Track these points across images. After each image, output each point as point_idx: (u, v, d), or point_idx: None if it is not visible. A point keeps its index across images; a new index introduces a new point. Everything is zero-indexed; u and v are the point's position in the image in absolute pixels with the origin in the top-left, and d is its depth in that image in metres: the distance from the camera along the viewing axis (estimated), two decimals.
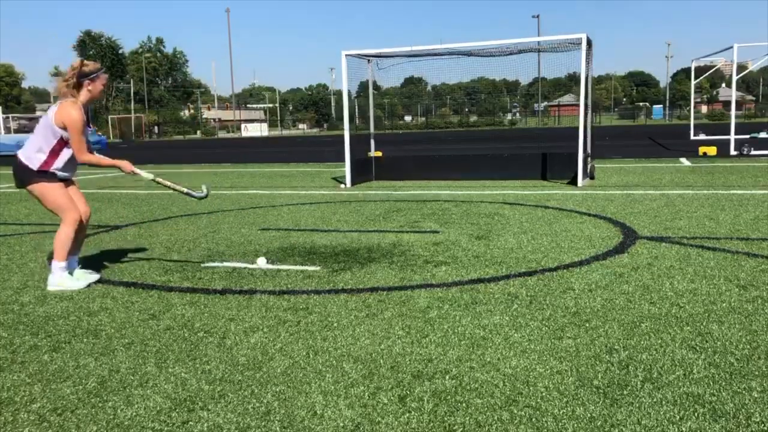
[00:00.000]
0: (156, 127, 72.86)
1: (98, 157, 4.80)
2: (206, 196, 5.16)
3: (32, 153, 4.59)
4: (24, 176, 4.63)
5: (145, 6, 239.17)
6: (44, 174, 4.60)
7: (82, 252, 6.07)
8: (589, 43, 10.89)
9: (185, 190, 5.10)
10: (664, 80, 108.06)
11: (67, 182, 4.82)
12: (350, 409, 2.64)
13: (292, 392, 2.82)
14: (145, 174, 4.93)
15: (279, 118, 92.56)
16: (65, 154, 4.64)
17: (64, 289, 4.65)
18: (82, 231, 4.96)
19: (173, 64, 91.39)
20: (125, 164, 4.81)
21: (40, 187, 4.63)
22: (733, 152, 16.31)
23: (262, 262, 5.26)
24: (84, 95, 4.62)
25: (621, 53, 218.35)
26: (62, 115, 4.49)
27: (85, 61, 4.70)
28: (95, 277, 4.88)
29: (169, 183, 5.07)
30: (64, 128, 4.52)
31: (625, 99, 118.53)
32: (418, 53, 12.24)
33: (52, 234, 7.36)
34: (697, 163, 14.53)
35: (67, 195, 4.74)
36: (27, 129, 39.00)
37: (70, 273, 4.78)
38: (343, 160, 12.42)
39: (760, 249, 5.38)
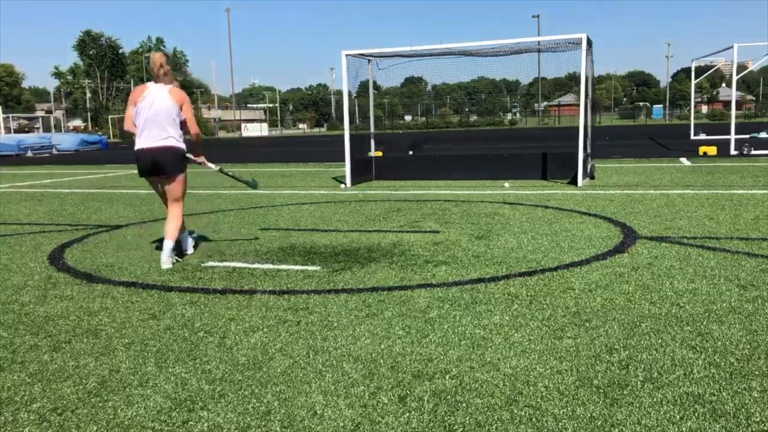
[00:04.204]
0: None
1: (200, 133, 5.45)
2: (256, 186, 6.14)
3: (179, 139, 5.21)
4: (181, 163, 5.24)
5: (145, 6, 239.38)
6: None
7: (82, 252, 6.08)
8: (589, 42, 10.89)
9: (248, 179, 5.98)
10: (664, 80, 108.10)
11: None
12: (350, 409, 2.64)
13: (292, 392, 2.82)
14: (212, 165, 5.66)
15: (279, 118, 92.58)
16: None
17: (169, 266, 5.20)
18: None
19: (173, 64, 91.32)
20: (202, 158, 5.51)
21: (185, 175, 5.35)
22: (733, 152, 16.31)
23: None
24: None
25: (621, 53, 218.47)
26: (179, 95, 5.16)
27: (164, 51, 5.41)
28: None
29: (234, 175, 5.85)
30: (181, 106, 5.16)
31: (625, 99, 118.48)
32: (418, 53, 12.24)
33: (52, 234, 7.36)
34: (697, 162, 14.53)
35: None
36: (27, 129, 38.98)
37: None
38: (343, 160, 12.43)
39: (760, 249, 5.38)
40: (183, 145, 5.28)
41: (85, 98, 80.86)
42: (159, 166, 5.23)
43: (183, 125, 5.30)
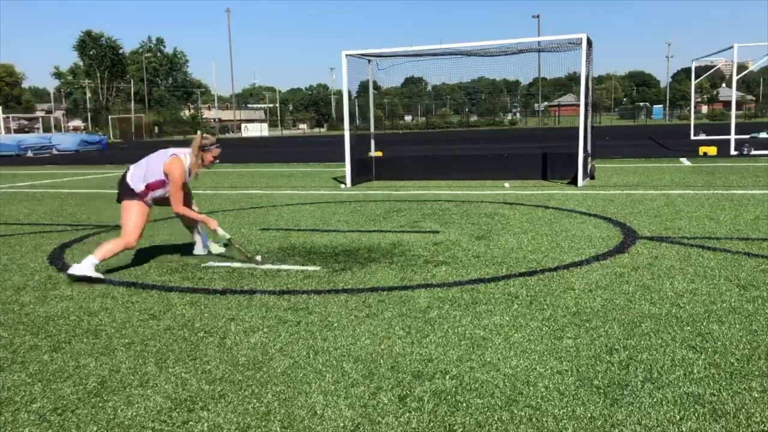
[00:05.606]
0: (156, 127, 72.84)
1: (191, 212, 5.35)
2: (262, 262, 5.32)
3: (138, 181, 5.09)
4: (124, 194, 5.10)
5: (145, 6, 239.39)
6: (139, 196, 5.10)
7: (82, 253, 6.08)
8: (589, 43, 10.89)
9: (258, 257, 5.29)
10: (664, 80, 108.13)
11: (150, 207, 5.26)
12: (350, 409, 2.64)
13: (292, 392, 2.82)
14: (223, 233, 5.33)
15: (279, 118, 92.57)
16: (160, 192, 5.16)
17: (83, 274, 4.81)
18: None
19: (173, 64, 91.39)
20: (211, 222, 5.31)
21: (130, 204, 5.10)
22: (733, 152, 16.30)
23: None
24: (197, 159, 5.20)
25: (621, 53, 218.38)
26: (169, 167, 5.07)
27: (205, 135, 5.35)
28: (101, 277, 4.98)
29: (242, 249, 5.38)
30: (166, 176, 5.08)
31: (625, 99, 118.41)
32: (418, 53, 12.24)
33: (52, 234, 7.35)
34: (697, 163, 14.53)
35: (143, 223, 5.14)
36: (27, 129, 39.09)
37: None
38: (343, 160, 12.42)
39: (760, 249, 5.38)
40: (135, 182, 5.08)
41: (85, 98, 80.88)
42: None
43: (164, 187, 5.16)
